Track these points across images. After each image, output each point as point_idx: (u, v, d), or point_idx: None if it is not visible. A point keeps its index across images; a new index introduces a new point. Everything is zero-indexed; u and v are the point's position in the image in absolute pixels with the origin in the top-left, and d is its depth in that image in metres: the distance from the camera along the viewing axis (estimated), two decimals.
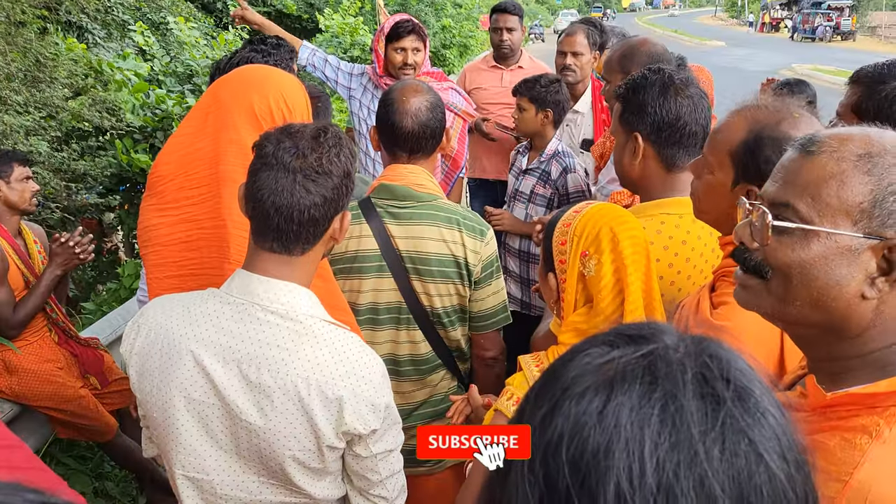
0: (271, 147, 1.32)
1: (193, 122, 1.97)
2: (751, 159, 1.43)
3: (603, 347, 0.62)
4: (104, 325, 3.73)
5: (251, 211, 1.34)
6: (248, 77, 1.99)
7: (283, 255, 1.35)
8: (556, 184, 3.10)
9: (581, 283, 1.50)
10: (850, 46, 37.48)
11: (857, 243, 0.92)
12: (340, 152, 1.36)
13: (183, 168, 1.95)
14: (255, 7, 16.60)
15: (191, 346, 1.32)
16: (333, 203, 1.34)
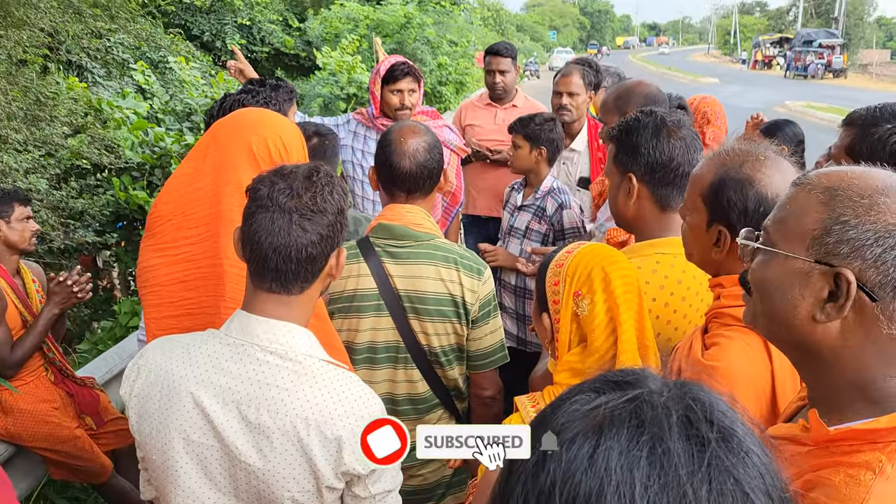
0: (265, 189, 1.35)
1: (192, 163, 2.00)
2: (716, 201, 1.51)
3: (590, 394, 0.64)
4: (100, 363, 3.71)
5: (249, 253, 1.36)
6: (246, 119, 2.03)
7: (281, 295, 1.37)
8: (551, 220, 3.13)
9: (575, 323, 1.52)
10: (842, 83, 38.05)
11: (808, 268, 0.98)
12: (333, 190, 1.39)
13: (181, 208, 1.98)
14: (254, 46, 16.86)
15: (190, 388, 1.33)
16: (329, 240, 1.37)
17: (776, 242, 1.04)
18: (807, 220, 0.99)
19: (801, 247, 0.99)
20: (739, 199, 1.48)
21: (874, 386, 0.97)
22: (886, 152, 2.04)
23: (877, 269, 0.93)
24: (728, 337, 1.46)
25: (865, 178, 0.98)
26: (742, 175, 1.49)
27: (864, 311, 0.95)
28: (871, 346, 0.96)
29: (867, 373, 0.97)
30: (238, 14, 16.64)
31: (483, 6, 37.20)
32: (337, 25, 16.48)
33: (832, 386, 1.01)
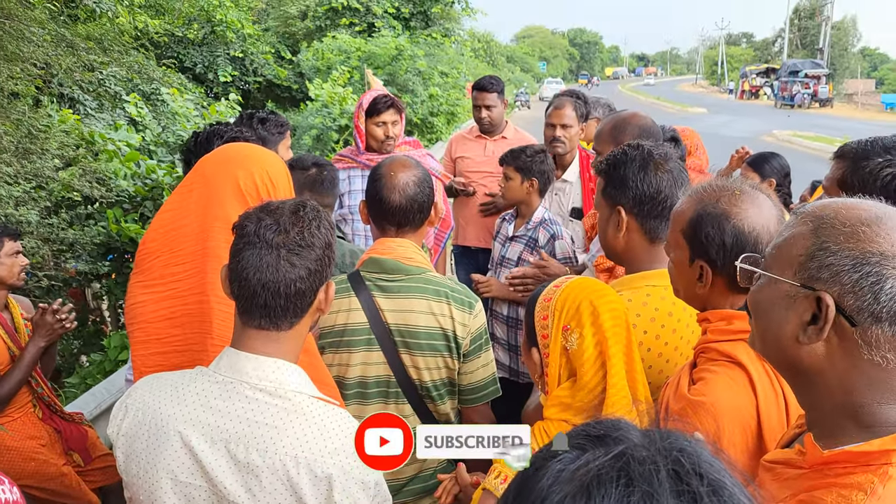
0: (252, 225, 1.35)
1: (179, 199, 2.00)
2: (695, 237, 1.54)
3: (573, 452, 0.62)
4: (89, 399, 3.68)
5: (237, 290, 1.36)
6: (232, 154, 2.03)
7: (271, 332, 1.36)
8: (543, 250, 3.14)
9: (564, 358, 1.53)
10: (828, 113, 38.59)
11: (794, 291, 1.03)
12: (321, 224, 1.39)
13: (168, 245, 1.97)
14: (246, 77, 16.99)
15: (178, 427, 1.32)
16: (318, 274, 1.37)
17: (770, 267, 1.10)
18: (796, 247, 1.04)
19: (790, 271, 1.04)
20: (717, 234, 1.51)
21: (865, 411, 1.00)
22: (878, 185, 2.07)
23: (854, 295, 0.96)
24: (713, 372, 1.47)
25: (852, 209, 1.02)
26: (719, 210, 1.53)
27: (846, 336, 0.99)
28: (856, 371, 0.99)
29: (856, 397, 1.00)
30: (230, 46, 16.79)
31: (474, 38, 37.66)
32: (329, 57, 16.64)
33: (825, 410, 1.04)
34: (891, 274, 0.95)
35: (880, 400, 0.99)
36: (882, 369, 0.97)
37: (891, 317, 0.95)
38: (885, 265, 0.95)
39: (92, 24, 7.63)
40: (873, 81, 63.32)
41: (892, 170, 1.98)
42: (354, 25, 19.58)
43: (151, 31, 13.04)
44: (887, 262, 0.95)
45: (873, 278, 0.95)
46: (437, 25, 20.54)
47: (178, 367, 1.94)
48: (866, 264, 0.96)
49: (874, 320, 0.96)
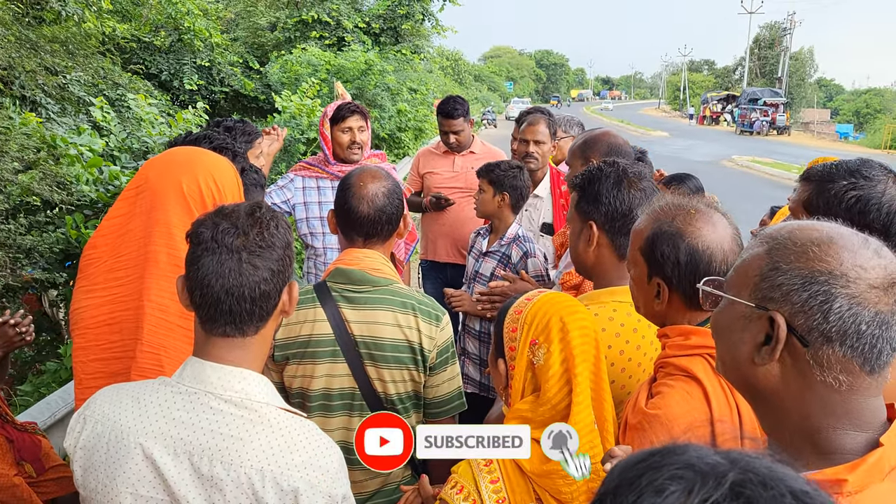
0: (209, 231, 1.32)
1: (125, 204, 1.97)
2: (652, 255, 1.58)
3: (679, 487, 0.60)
4: (43, 408, 3.58)
5: (199, 299, 1.33)
6: (177, 158, 2.01)
7: (237, 338, 1.34)
8: (516, 267, 3.18)
9: (530, 372, 1.53)
10: (786, 140, 39.56)
11: (749, 311, 1.04)
12: (278, 224, 1.38)
13: (113, 250, 1.94)
14: (213, 87, 16.84)
15: (140, 439, 1.28)
16: (281, 275, 1.36)
17: (728, 289, 1.11)
18: (752, 268, 1.06)
19: (746, 292, 1.05)
20: (672, 252, 1.54)
21: (822, 437, 1.00)
22: (842, 207, 2.13)
23: (805, 314, 0.97)
24: (670, 386, 1.50)
25: (805, 230, 1.03)
26: (673, 229, 1.56)
27: (799, 357, 0.99)
28: (810, 393, 1.00)
29: (813, 421, 1.00)
30: (198, 55, 16.63)
31: (442, 56, 37.88)
32: (297, 69, 16.58)
33: (784, 433, 1.05)
34: (839, 293, 0.95)
35: (836, 425, 0.99)
36: (835, 391, 0.98)
37: (840, 337, 0.95)
38: (833, 284, 0.96)
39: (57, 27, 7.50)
40: (829, 111, 65.13)
41: (856, 192, 2.04)
42: (324, 39, 19.55)
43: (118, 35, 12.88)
44: (836, 280, 0.96)
45: (822, 297, 0.96)
46: (406, 42, 20.61)
47: (118, 374, 1.92)
48: (815, 283, 0.97)
49: (825, 340, 0.96)
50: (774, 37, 63.26)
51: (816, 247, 0.99)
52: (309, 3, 20.31)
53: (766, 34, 66.00)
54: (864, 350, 0.96)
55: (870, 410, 0.99)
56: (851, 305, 0.95)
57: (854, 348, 0.96)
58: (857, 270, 0.96)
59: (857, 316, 0.95)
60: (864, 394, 0.99)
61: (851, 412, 0.99)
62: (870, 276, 0.96)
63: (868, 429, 0.99)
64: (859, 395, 0.98)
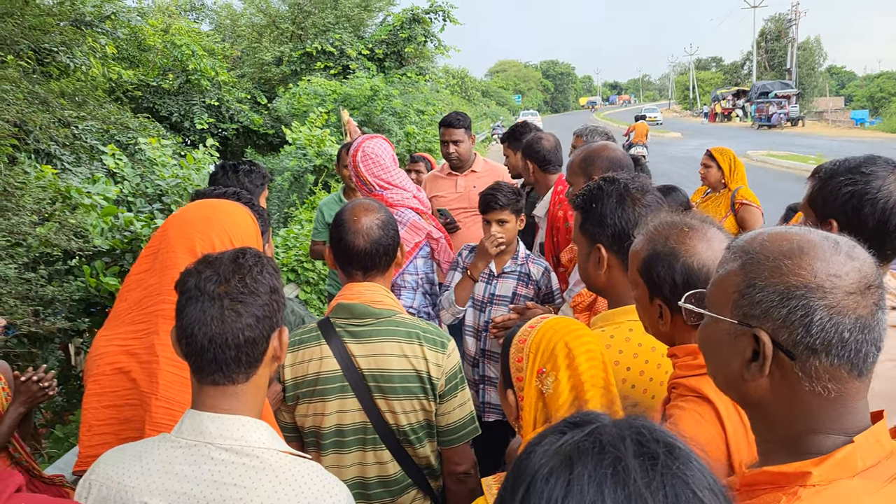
0: (192, 280, 1.33)
1: (146, 261, 2.03)
2: (649, 276, 1.56)
3: (556, 435, 0.76)
4: (70, 459, 3.61)
5: (185, 348, 1.33)
6: (193, 216, 2.05)
7: (227, 387, 1.33)
8: (538, 283, 3.18)
9: (540, 401, 1.50)
10: (800, 131, 39.17)
11: (733, 329, 1.04)
12: (263, 269, 1.37)
13: (137, 304, 2.00)
14: (222, 124, 17.06)
15: (143, 498, 1.29)
16: (267, 321, 1.35)
17: (710, 305, 1.10)
18: (728, 284, 1.05)
19: (727, 309, 1.05)
20: (668, 273, 1.53)
21: (803, 440, 1.01)
22: (837, 204, 2.10)
23: (787, 329, 0.98)
24: (681, 408, 1.47)
25: (775, 241, 1.03)
26: (668, 249, 1.54)
27: (787, 370, 1.00)
28: (798, 402, 1.00)
29: (795, 427, 1.02)
30: (206, 94, 16.88)
31: (448, 75, 38.08)
32: (304, 101, 16.76)
33: (773, 436, 1.06)
34: (817, 305, 0.95)
35: (819, 429, 1.00)
36: (824, 399, 0.98)
37: (825, 348, 0.96)
38: (810, 297, 0.96)
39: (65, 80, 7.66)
40: (842, 99, 64.57)
41: (851, 188, 2.01)
42: (329, 69, 19.78)
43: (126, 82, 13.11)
44: (812, 293, 0.96)
45: (801, 311, 0.96)
46: (411, 65, 20.79)
47: (129, 421, 1.94)
48: (792, 298, 0.97)
49: (810, 352, 0.96)
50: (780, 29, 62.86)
51: (788, 259, 0.99)
52: (312, 35, 20.59)
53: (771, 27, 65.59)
54: (850, 357, 0.96)
55: (854, 415, 1.00)
56: (832, 315, 0.95)
57: (840, 356, 0.96)
58: (831, 280, 0.96)
59: (838, 325, 0.95)
60: (852, 399, 0.99)
61: (836, 417, 1.00)
62: (845, 283, 0.96)
63: (850, 432, 0.99)
64: (847, 400, 0.99)
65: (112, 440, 1.96)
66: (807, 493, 0.94)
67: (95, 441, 1.96)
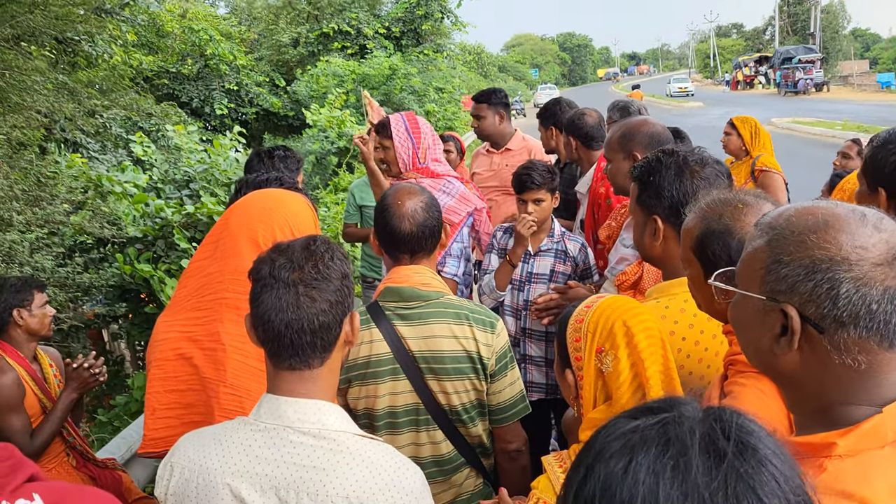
0: (266, 268, 1.37)
1: (207, 249, 2.07)
2: (703, 254, 1.55)
3: (627, 419, 0.75)
4: (120, 442, 3.70)
5: (262, 335, 1.37)
6: (256, 206, 2.08)
7: (303, 371, 1.37)
8: (575, 259, 3.19)
9: (600, 380, 1.51)
10: (825, 97, 38.46)
11: (761, 305, 1.04)
12: (334, 255, 1.40)
13: (198, 290, 2.05)
14: (242, 109, 17.11)
15: (227, 480, 1.32)
16: (339, 306, 1.38)
17: (739, 282, 1.11)
18: (756, 260, 1.06)
19: (756, 286, 1.05)
20: (723, 251, 1.51)
21: (833, 411, 1.01)
22: (885, 172, 2.08)
23: (814, 303, 0.97)
24: (741, 384, 1.47)
25: (800, 216, 1.03)
26: (722, 226, 1.53)
27: (816, 344, 1.00)
28: (828, 375, 1.00)
29: (826, 400, 1.02)
30: (225, 79, 16.92)
31: (465, 51, 37.79)
32: (323, 82, 16.75)
33: (803, 413, 1.07)
34: (843, 278, 0.95)
35: (850, 401, 1.00)
36: (854, 371, 0.98)
37: (853, 320, 0.95)
38: (835, 270, 0.95)
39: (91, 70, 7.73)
40: (867, 62, 63.16)
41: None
42: (346, 48, 19.72)
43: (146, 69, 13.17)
44: (838, 266, 0.95)
45: (827, 285, 0.96)
46: (428, 42, 20.66)
47: (192, 407, 1.99)
48: (817, 272, 0.97)
49: (838, 325, 0.96)
50: None
51: (814, 234, 0.99)
52: (328, 15, 20.50)
53: None
54: (879, 328, 0.96)
55: (885, 386, 0.99)
56: (858, 287, 0.95)
57: (869, 328, 0.96)
58: (857, 252, 0.96)
59: (865, 297, 0.95)
60: (883, 370, 0.99)
61: (867, 389, 0.99)
62: (871, 254, 0.95)
63: (881, 404, 0.99)
64: (877, 372, 0.98)
65: (175, 423, 2.02)
66: (832, 464, 0.95)
67: (159, 424, 2.02)
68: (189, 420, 1.97)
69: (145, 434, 2.04)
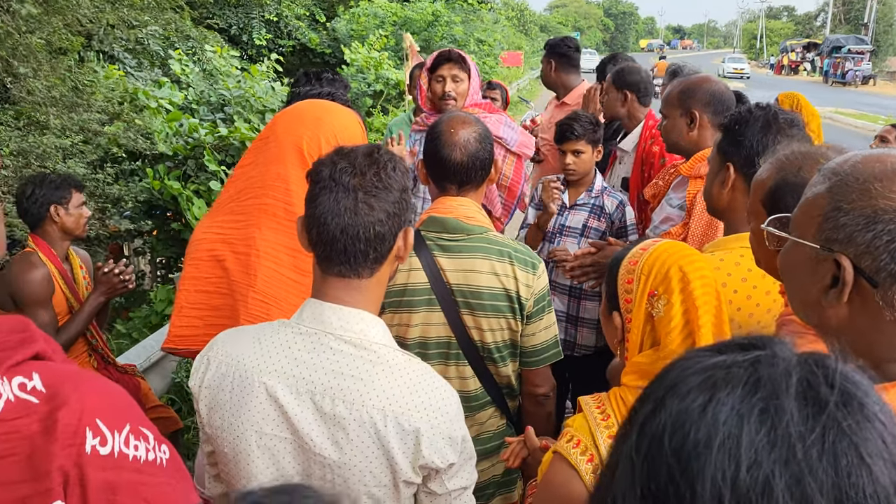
0: (327, 170, 1.32)
1: (252, 154, 2.04)
2: (775, 207, 1.49)
3: (710, 353, 0.64)
4: (140, 351, 3.73)
5: (315, 237, 1.32)
6: (303, 114, 2.04)
7: (352, 280, 1.33)
8: (611, 216, 3.12)
9: (649, 325, 1.47)
10: (872, 90, 37.52)
11: (814, 253, 1.01)
12: (396, 167, 1.36)
13: (238, 194, 2.03)
14: (280, 40, 16.93)
15: (263, 378, 1.30)
16: (396, 218, 1.34)
17: (793, 229, 1.08)
18: (814, 207, 1.02)
19: (810, 233, 1.02)
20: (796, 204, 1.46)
21: (879, 368, 0.97)
22: None
23: (871, 255, 0.93)
24: (797, 344, 1.43)
25: (868, 162, 0.98)
26: (800, 180, 1.47)
27: (867, 298, 0.96)
28: (877, 331, 0.97)
29: (873, 356, 0.97)
30: (265, 9, 16.70)
31: (507, 6, 37.08)
32: (364, 21, 16.51)
33: None
34: None
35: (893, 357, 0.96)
36: None
37: None
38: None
39: None
40: None
41: None
42: None
43: None
44: None
45: (887, 237, 0.91)
46: None
47: (218, 308, 2.00)
48: (879, 222, 0.92)
49: (893, 280, 0.92)
50: None
51: (879, 182, 0.94)
52: None
53: None
54: None
55: None
56: None
57: None
58: None
59: None
60: None
61: None
62: None
63: None
64: None
65: (199, 324, 2.01)
66: None
67: (184, 322, 2.02)
68: (213, 322, 1.96)
69: (170, 330, 2.05)
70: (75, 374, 0.94)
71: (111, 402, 0.94)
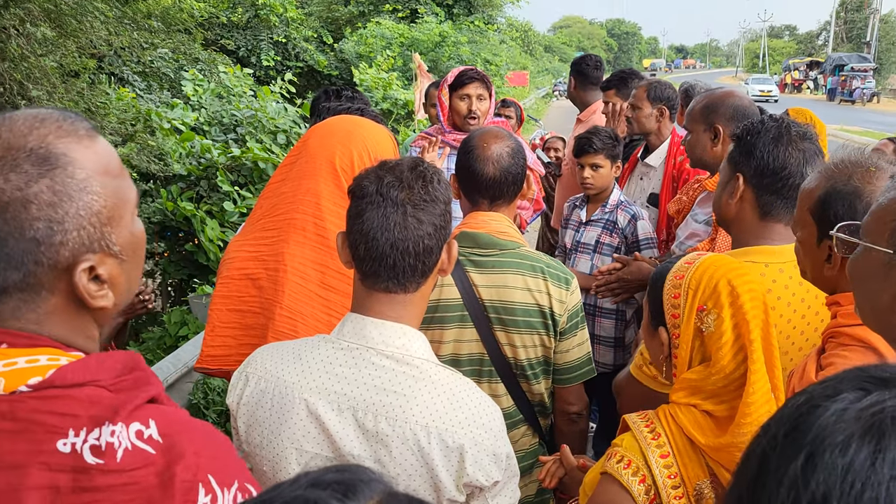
0: (373, 185, 1.29)
1: (284, 170, 2.03)
2: (824, 216, 1.47)
3: (856, 392, 0.56)
4: (156, 372, 3.69)
5: (363, 253, 1.29)
6: (336, 129, 2.03)
7: (398, 294, 1.31)
8: (623, 232, 3.08)
9: (698, 340, 1.43)
10: (876, 108, 37.58)
11: (887, 258, 0.99)
12: (440, 180, 1.35)
13: (269, 210, 2.01)
14: (288, 62, 17.03)
15: (303, 395, 1.27)
16: (443, 231, 1.33)
17: (865, 235, 1.06)
18: (887, 213, 1.00)
19: (882, 239, 1.00)
20: (848, 213, 1.43)
21: None
22: None
23: None
24: (844, 357, 1.39)
25: None
26: (850, 188, 1.45)
27: None
28: None
29: None
30: (274, 31, 16.83)
31: (512, 27, 37.38)
32: (371, 43, 16.62)
33: None
34: None
35: None
36: None
37: None
38: None
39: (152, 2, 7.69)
40: None
41: None
42: (398, 11, 19.52)
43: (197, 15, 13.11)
44: None
45: None
46: (480, 12, 20.39)
47: (251, 328, 1.97)
48: None
49: None
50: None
51: None
52: None
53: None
54: None
55: None
56: None
57: None
58: None
59: None
60: None
61: None
62: None
63: None
64: None
65: (232, 343, 1.99)
66: None
67: (217, 342, 1.99)
68: (246, 342, 1.93)
69: (203, 350, 2.02)
70: (188, 423, 0.91)
71: (221, 456, 0.91)
